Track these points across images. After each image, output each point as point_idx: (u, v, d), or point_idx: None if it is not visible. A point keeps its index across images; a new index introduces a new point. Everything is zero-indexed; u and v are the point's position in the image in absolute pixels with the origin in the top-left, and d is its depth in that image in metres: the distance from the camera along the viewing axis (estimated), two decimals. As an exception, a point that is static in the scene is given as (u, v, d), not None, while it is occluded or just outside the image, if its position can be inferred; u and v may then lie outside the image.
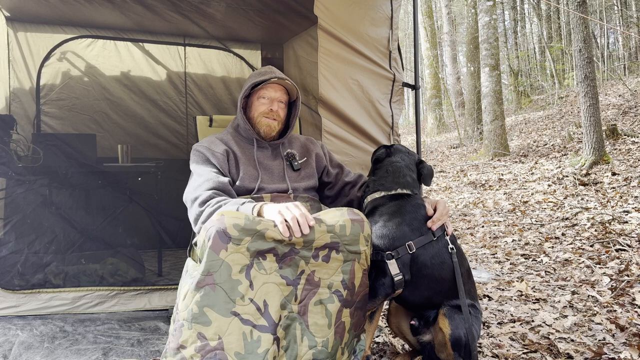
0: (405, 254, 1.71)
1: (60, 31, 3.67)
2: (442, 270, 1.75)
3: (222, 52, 4.11)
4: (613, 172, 6.23)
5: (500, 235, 4.62)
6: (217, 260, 1.43)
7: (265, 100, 1.98)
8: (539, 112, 13.06)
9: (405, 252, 1.71)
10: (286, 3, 2.98)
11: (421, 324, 1.83)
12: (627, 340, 2.14)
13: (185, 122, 4.15)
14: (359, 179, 2.11)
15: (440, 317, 1.72)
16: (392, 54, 2.84)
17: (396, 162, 1.94)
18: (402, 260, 1.71)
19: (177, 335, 1.43)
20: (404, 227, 1.76)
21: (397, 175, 1.90)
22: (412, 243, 1.72)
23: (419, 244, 1.73)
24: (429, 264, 1.73)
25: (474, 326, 1.70)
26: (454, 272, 1.74)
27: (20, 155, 3.04)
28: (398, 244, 1.72)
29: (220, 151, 1.91)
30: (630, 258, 3.34)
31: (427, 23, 15.42)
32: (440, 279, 1.75)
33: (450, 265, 1.75)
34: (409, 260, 1.72)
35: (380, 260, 1.71)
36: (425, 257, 1.73)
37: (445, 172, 9.68)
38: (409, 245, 1.71)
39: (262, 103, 1.98)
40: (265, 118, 1.97)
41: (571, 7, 6.96)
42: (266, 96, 1.98)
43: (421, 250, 1.73)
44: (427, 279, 1.74)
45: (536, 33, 19.76)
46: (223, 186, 1.79)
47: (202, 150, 1.91)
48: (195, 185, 1.80)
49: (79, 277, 2.67)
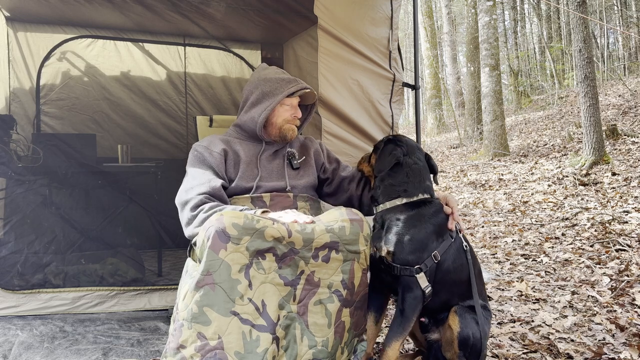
0: (432, 264, 1.66)
1: (60, 31, 3.67)
2: (461, 272, 1.71)
3: (222, 52, 4.11)
4: (613, 172, 6.23)
5: (500, 235, 4.62)
6: (217, 259, 1.43)
7: (289, 108, 1.99)
8: (539, 112, 13.06)
9: (432, 262, 1.66)
10: (286, 3, 2.98)
11: (431, 322, 1.81)
12: (627, 340, 2.14)
13: (185, 122, 4.15)
14: (357, 173, 2.08)
15: (451, 314, 1.69)
16: (392, 54, 2.84)
17: (415, 163, 1.79)
18: (429, 271, 1.66)
19: (177, 335, 1.43)
20: (432, 236, 1.69)
21: (419, 178, 1.77)
22: (437, 252, 1.66)
23: (442, 251, 1.68)
24: (451, 269, 1.69)
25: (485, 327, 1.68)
26: (469, 272, 1.71)
27: (20, 155, 3.04)
28: (426, 256, 1.65)
29: (218, 151, 1.91)
30: (630, 258, 3.33)
31: (427, 23, 15.43)
32: (459, 281, 1.71)
33: (466, 265, 1.72)
34: (434, 269, 1.67)
35: (408, 276, 1.63)
36: (448, 263, 1.69)
37: (445, 172, 9.68)
38: (434, 255, 1.66)
39: (286, 110, 1.98)
40: (289, 124, 1.99)
41: (571, 7, 6.96)
42: (289, 104, 1.99)
43: (444, 256, 1.68)
44: (448, 283, 1.70)
45: (536, 33, 19.76)
46: (215, 191, 1.79)
47: (200, 150, 1.91)
48: (187, 187, 1.81)
49: (79, 277, 2.67)
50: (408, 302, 1.64)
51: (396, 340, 1.65)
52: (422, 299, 1.64)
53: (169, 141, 4.12)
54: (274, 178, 1.95)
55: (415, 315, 1.65)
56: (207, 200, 1.74)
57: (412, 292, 1.63)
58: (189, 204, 1.74)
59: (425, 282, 1.63)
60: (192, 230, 1.71)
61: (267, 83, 1.98)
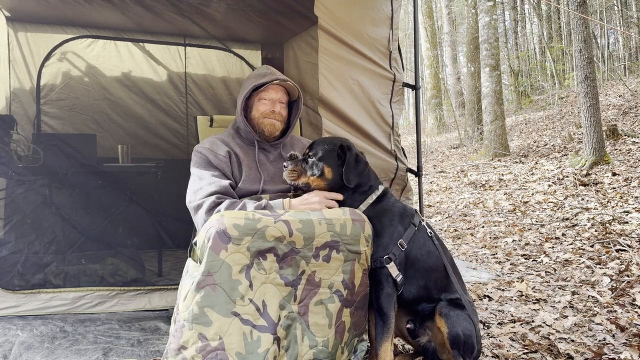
0: (400, 253, 1.72)
1: (60, 31, 3.66)
2: (430, 259, 1.76)
3: (222, 52, 4.11)
4: (613, 172, 6.23)
5: (501, 235, 4.62)
6: (218, 260, 1.43)
7: (267, 102, 1.97)
8: (539, 113, 13.06)
9: (399, 250, 1.71)
10: (286, 3, 2.98)
11: (417, 325, 1.83)
12: (627, 340, 2.14)
13: (185, 122, 4.15)
14: None
15: (437, 317, 1.72)
16: (393, 54, 2.84)
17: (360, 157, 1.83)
18: (399, 259, 1.71)
19: (178, 336, 1.43)
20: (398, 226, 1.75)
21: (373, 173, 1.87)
22: (402, 240, 1.72)
23: (407, 238, 1.73)
24: (419, 256, 1.75)
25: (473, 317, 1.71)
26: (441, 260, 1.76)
27: (21, 155, 3.04)
28: (392, 245, 1.71)
29: (223, 153, 1.90)
30: (631, 258, 3.33)
31: (427, 23, 15.42)
32: (430, 269, 1.76)
33: (435, 252, 1.77)
34: (403, 258, 1.72)
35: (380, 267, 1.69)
36: (415, 251, 1.75)
37: (445, 172, 9.68)
38: (400, 243, 1.72)
39: (263, 104, 1.97)
40: (267, 118, 1.96)
41: (571, 8, 6.96)
42: (267, 98, 1.97)
43: (410, 245, 1.74)
44: (420, 271, 1.75)
45: (536, 33, 19.76)
46: (225, 190, 1.78)
47: (204, 152, 1.90)
48: (196, 189, 1.79)
49: (79, 277, 2.67)
50: (382, 298, 1.69)
51: (385, 340, 1.68)
52: (394, 294, 1.70)
53: (170, 141, 4.12)
54: (278, 181, 1.95)
55: (392, 310, 1.69)
56: (220, 200, 1.73)
57: (383, 290, 1.69)
58: (203, 208, 1.71)
59: (396, 271, 1.69)
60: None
61: (246, 81, 2.01)
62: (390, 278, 1.68)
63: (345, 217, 1.63)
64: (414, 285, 1.75)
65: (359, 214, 1.68)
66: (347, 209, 1.69)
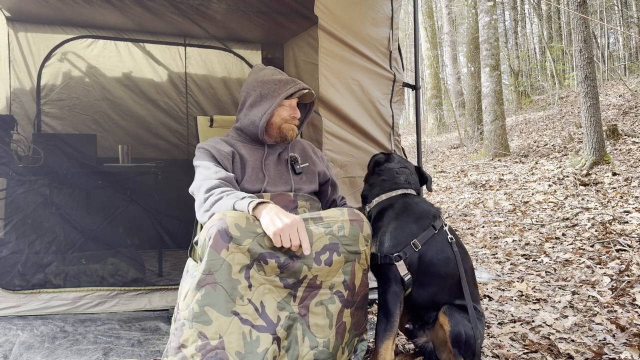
0: (412, 253, 1.69)
1: (60, 31, 3.67)
2: (447, 266, 1.73)
3: (222, 52, 4.12)
4: (613, 172, 6.23)
5: (501, 235, 4.62)
6: (218, 259, 1.43)
7: (288, 108, 1.97)
8: (539, 113, 13.06)
9: (412, 250, 1.69)
10: (286, 3, 2.98)
11: (416, 327, 1.82)
12: (627, 340, 2.14)
13: (185, 122, 4.15)
14: (342, 200, 2.16)
15: (441, 314, 1.70)
16: (393, 54, 2.84)
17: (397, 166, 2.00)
18: (409, 260, 1.69)
19: (178, 334, 1.43)
20: (412, 225, 1.74)
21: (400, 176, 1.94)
22: (417, 240, 1.70)
23: (423, 240, 1.71)
24: (435, 260, 1.72)
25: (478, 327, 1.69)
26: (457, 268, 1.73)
27: (21, 155, 3.04)
28: (405, 243, 1.70)
29: (227, 151, 1.90)
30: (631, 258, 3.33)
31: (427, 23, 15.43)
32: (445, 276, 1.73)
33: (453, 260, 1.73)
34: (416, 259, 1.70)
35: (388, 264, 1.67)
36: (431, 254, 1.72)
37: (445, 172, 9.68)
38: (414, 243, 1.70)
39: (284, 110, 1.96)
40: (287, 123, 1.97)
41: (571, 8, 6.96)
42: (288, 104, 1.97)
43: (426, 247, 1.71)
44: (434, 277, 1.72)
45: (536, 33, 19.77)
46: (230, 179, 1.78)
47: (208, 148, 1.89)
48: (203, 177, 1.76)
49: (80, 277, 2.67)
50: (388, 295, 1.68)
51: (387, 338, 1.67)
52: (401, 293, 1.68)
53: (170, 141, 4.12)
54: (280, 183, 1.95)
55: (397, 309, 1.67)
56: (221, 185, 1.70)
57: (390, 287, 1.67)
58: (203, 187, 1.70)
59: (405, 270, 1.67)
60: (202, 215, 1.65)
61: (265, 85, 1.96)
62: (398, 276, 1.67)
63: (342, 218, 1.63)
64: (426, 290, 1.72)
65: (357, 213, 1.68)
66: (345, 209, 1.69)
